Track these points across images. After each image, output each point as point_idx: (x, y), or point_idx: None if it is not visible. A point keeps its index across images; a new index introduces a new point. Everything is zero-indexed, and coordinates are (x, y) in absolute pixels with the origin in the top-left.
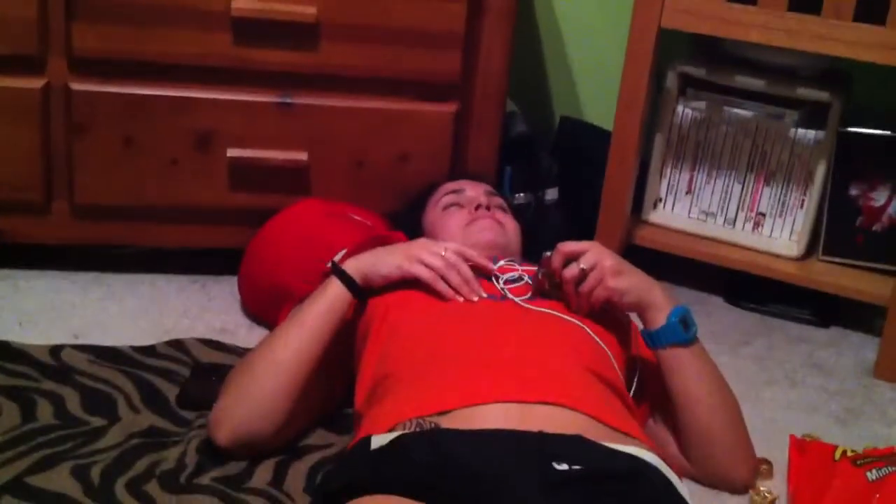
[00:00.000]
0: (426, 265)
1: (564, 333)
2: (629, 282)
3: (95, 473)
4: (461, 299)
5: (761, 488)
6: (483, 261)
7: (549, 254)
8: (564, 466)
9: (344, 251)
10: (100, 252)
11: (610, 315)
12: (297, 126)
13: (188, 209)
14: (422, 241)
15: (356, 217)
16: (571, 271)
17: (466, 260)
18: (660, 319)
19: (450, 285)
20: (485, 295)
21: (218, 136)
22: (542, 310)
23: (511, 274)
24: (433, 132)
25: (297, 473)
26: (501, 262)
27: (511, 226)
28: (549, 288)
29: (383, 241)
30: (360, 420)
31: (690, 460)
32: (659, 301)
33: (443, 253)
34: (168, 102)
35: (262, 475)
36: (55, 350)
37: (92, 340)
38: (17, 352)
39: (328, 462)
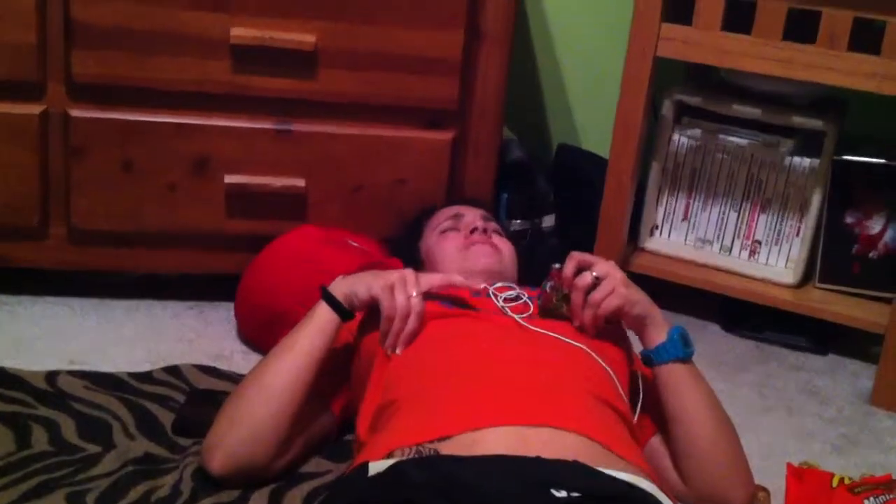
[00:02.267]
0: (391, 300)
1: (567, 356)
2: (639, 294)
3: (90, 501)
4: (388, 352)
5: None
6: (468, 287)
7: (557, 266)
8: (563, 494)
9: (340, 277)
10: (96, 277)
11: (611, 335)
12: (295, 153)
13: (185, 235)
14: (405, 273)
15: (354, 243)
16: (584, 279)
17: (453, 286)
18: (660, 336)
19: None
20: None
21: (216, 162)
22: (545, 331)
23: (509, 293)
24: (430, 159)
25: (293, 501)
26: (498, 284)
27: (507, 250)
28: (556, 302)
29: (379, 268)
30: (360, 447)
31: (687, 481)
32: (660, 318)
33: (413, 295)
34: (166, 128)
35: (258, 503)
36: (51, 376)
37: (88, 366)
38: (13, 378)
39: (324, 490)
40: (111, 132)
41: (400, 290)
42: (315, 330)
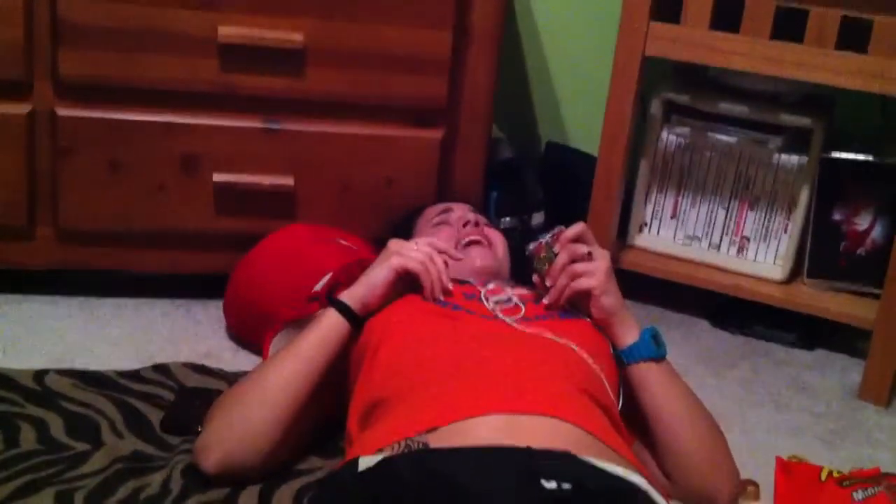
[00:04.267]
0: (411, 258)
1: (556, 354)
2: (616, 290)
3: (79, 499)
4: (439, 296)
5: None
6: (454, 251)
7: (560, 228)
8: (553, 484)
9: (328, 276)
10: (85, 277)
11: (600, 335)
12: (283, 151)
13: (174, 234)
14: (392, 244)
15: (343, 242)
16: (579, 248)
17: (438, 251)
18: (631, 336)
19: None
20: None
21: (204, 160)
22: (536, 331)
23: (500, 296)
24: (419, 157)
25: (283, 498)
26: (490, 285)
27: (500, 242)
28: (543, 256)
29: (367, 265)
30: (351, 444)
31: (671, 478)
32: (629, 320)
33: (415, 245)
34: (154, 127)
35: (247, 500)
36: (39, 375)
37: (76, 365)
38: (1, 377)
39: (314, 486)
40: (99, 131)
41: (408, 248)
42: (321, 338)
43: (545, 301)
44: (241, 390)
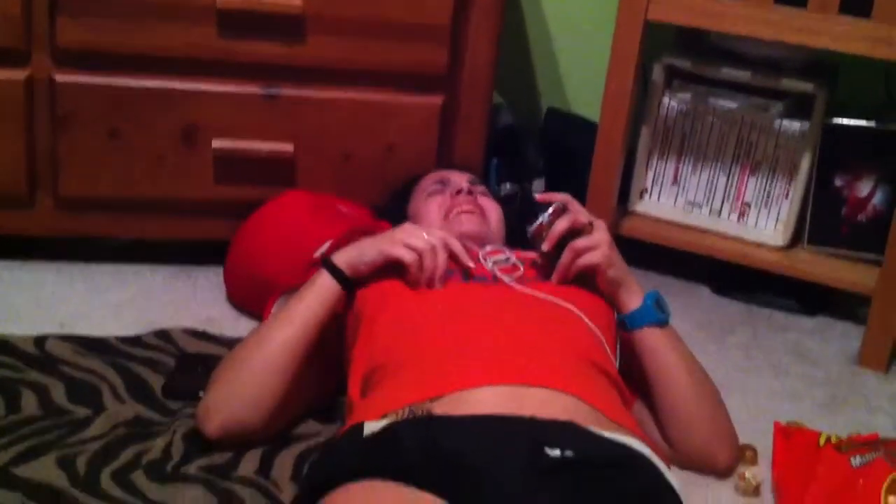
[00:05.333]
0: (408, 247)
1: (557, 319)
2: (618, 258)
3: (81, 463)
4: (425, 287)
5: (746, 474)
6: (465, 256)
7: (561, 205)
8: (556, 452)
9: (329, 243)
10: (85, 243)
11: (599, 297)
12: (282, 118)
13: (174, 201)
14: (406, 226)
15: (342, 209)
16: (579, 217)
17: (449, 250)
18: (635, 301)
19: (423, 268)
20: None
21: (203, 127)
22: (535, 293)
23: (499, 256)
24: (419, 124)
25: (284, 462)
26: (488, 248)
27: (494, 211)
28: (545, 234)
29: (368, 232)
30: (353, 409)
31: (672, 444)
32: (634, 285)
33: (426, 236)
34: (153, 95)
35: (249, 464)
36: (39, 340)
37: (77, 331)
38: (2, 342)
39: (315, 451)
40: (97, 98)
41: (411, 237)
42: (316, 300)
43: (552, 280)
44: (240, 354)
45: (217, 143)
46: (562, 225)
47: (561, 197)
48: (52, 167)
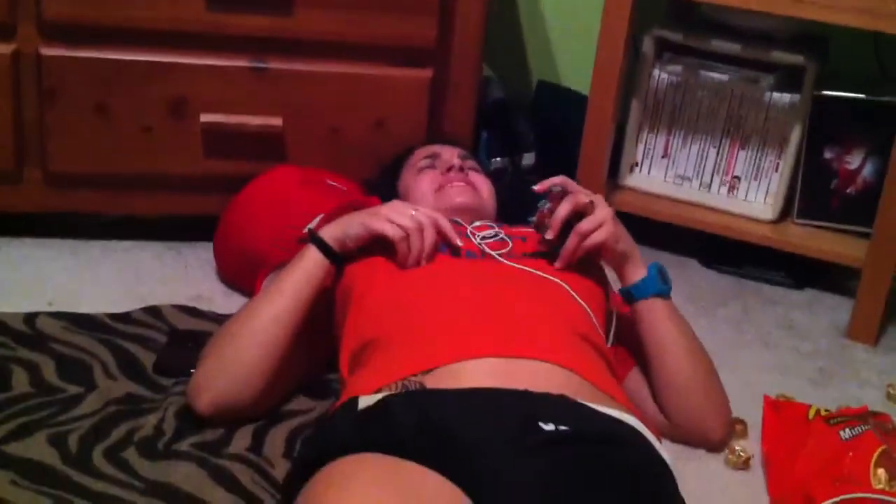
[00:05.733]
0: (394, 224)
1: (546, 292)
2: (625, 233)
3: (73, 441)
4: (412, 266)
5: (736, 447)
6: (454, 234)
7: (558, 189)
8: (550, 426)
9: (319, 217)
10: (74, 220)
11: (589, 272)
12: (271, 91)
13: (162, 176)
14: (395, 203)
15: (332, 183)
16: (579, 198)
17: (438, 229)
18: (639, 272)
19: (410, 246)
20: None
21: (191, 101)
22: (523, 267)
23: (487, 232)
24: (409, 98)
25: (276, 438)
26: (476, 223)
27: (485, 187)
28: (548, 222)
29: (358, 207)
30: (345, 384)
31: (666, 414)
32: (638, 256)
33: (413, 213)
34: (141, 68)
35: (241, 441)
36: (29, 318)
37: (66, 308)
38: None
39: (308, 427)
40: (84, 72)
41: (397, 214)
42: (304, 275)
43: (556, 265)
44: (229, 331)
45: (205, 118)
46: (564, 210)
47: (557, 180)
48: (39, 142)
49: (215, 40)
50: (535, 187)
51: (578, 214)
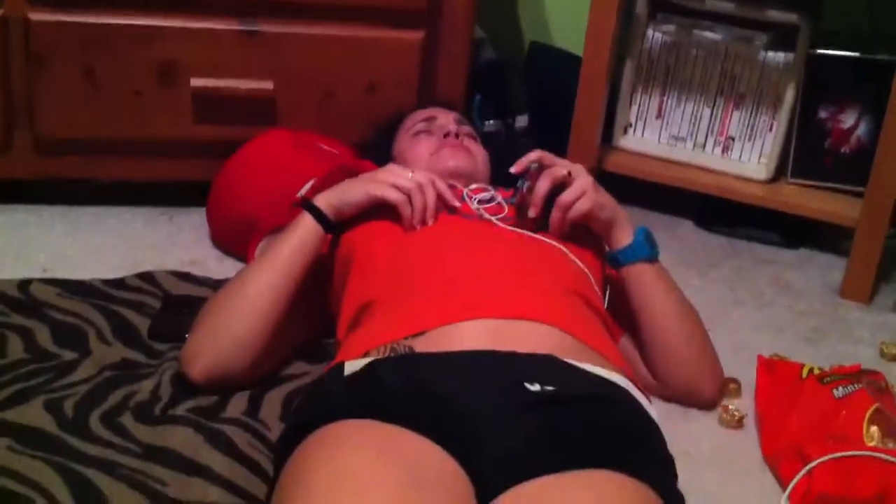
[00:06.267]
0: (394, 187)
1: (543, 254)
2: (606, 198)
3: (69, 407)
4: (417, 227)
5: (729, 407)
6: (451, 195)
7: (535, 167)
8: (536, 387)
9: (311, 182)
10: (65, 186)
11: (585, 237)
12: (262, 55)
13: (153, 141)
14: (391, 166)
15: (325, 147)
16: (557, 171)
17: (436, 190)
18: (626, 237)
19: (412, 207)
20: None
21: (181, 65)
22: (520, 230)
23: (484, 194)
24: (401, 60)
25: (273, 402)
26: (473, 186)
27: (480, 154)
28: (529, 203)
29: (351, 170)
30: (339, 348)
31: (658, 377)
32: (625, 220)
33: (410, 175)
34: (129, 32)
35: (237, 405)
36: (23, 284)
37: (60, 275)
38: None
39: (303, 391)
40: (72, 37)
41: (396, 177)
42: (298, 243)
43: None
44: (223, 299)
45: (196, 82)
46: (543, 186)
47: (533, 156)
48: (28, 108)
49: (205, 3)
50: (512, 169)
51: (559, 187)
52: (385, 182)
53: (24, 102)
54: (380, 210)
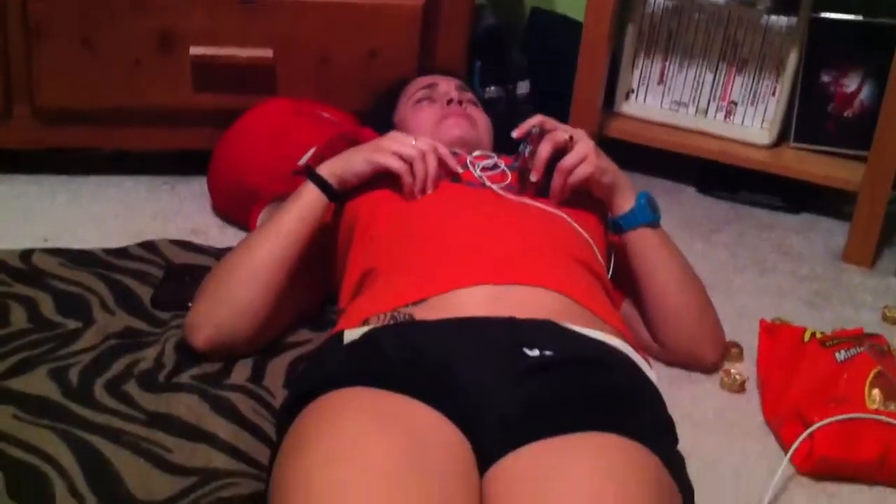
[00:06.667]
0: (397, 155)
1: (546, 222)
2: (608, 163)
3: (73, 375)
4: (418, 196)
5: (731, 371)
6: (453, 162)
7: (536, 130)
8: (535, 352)
9: (312, 150)
10: (66, 156)
11: (588, 204)
12: (261, 22)
13: (153, 110)
14: (393, 133)
15: (325, 115)
16: (558, 136)
17: (439, 157)
18: (628, 202)
19: (414, 175)
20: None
21: (180, 34)
22: (523, 199)
23: (487, 161)
24: (401, 27)
25: (276, 369)
26: (477, 153)
27: (482, 121)
28: (531, 168)
29: (352, 138)
30: (340, 316)
31: (661, 342)
32: (627, 186)
33: (413, 143)
34: (127, 0)
35: (241, 372)
36: (25, 254)
37: (61, 244)
38: None
39: (306, 358)
40: (70, 6)
41: (399, 144)
42: (302, 212)
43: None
44: (226, 267)
45: (195, 51)
46: (544, 151)
47: (534, 121)
48: (27, 78)
49: None
50: (514, 133)
51: (560, 152)
52: (388, 150)
53: (23, 72)
54: (383, 178)
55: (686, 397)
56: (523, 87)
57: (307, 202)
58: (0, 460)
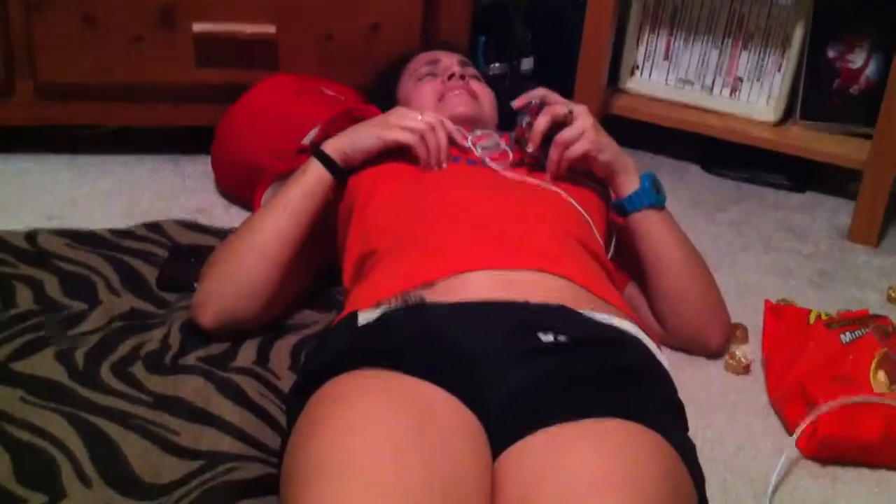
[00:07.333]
0: (406, 129)
1: (546, 201)
2: (607, 140)
3: (79, 357)
4: (434, 168)
5: (736, 352)
6: (460, 137)
7: (536, 101)
8: (549, 338)
9: (317, 128)
10: (70, 133)
11: (588, 182)
12: None
13: (156, 87)
14: (399, 109)
15: (328, 91)
16: (556, 109)
17: (445, 130)
18: (632, 184)
19: (427, 148)
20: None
21: (182, 9)
22: (523, 177)
23: (487, 142)
24: (403, 1)
25: (282, 351)
26: (478, 132)
27: (486, 96)
28: (528, 136)
29: (356, 115)
30: (348, 296)
31: (665, 324)
32: (630, 166)
33: (420, 117)
34: None
35: (247, 354)
36: (31, 235)
37: (66, 223)
38: None
39: (312, 339)
40: None
41: (407, 119)
42: (307, 190)
43: (546, 179)
44: (232, 245)
45: (197, 27)
46: (542, 122)
47: (536, 93)
48: (28, 54)
49: None
50: (514, 103)
51: (559, 126)
52: (396, 125)
53: (25, 48)
54: (385, 156)
55: (691, 379)
56: (527, 64)
57: (312, 179)
58: (7, 443)
